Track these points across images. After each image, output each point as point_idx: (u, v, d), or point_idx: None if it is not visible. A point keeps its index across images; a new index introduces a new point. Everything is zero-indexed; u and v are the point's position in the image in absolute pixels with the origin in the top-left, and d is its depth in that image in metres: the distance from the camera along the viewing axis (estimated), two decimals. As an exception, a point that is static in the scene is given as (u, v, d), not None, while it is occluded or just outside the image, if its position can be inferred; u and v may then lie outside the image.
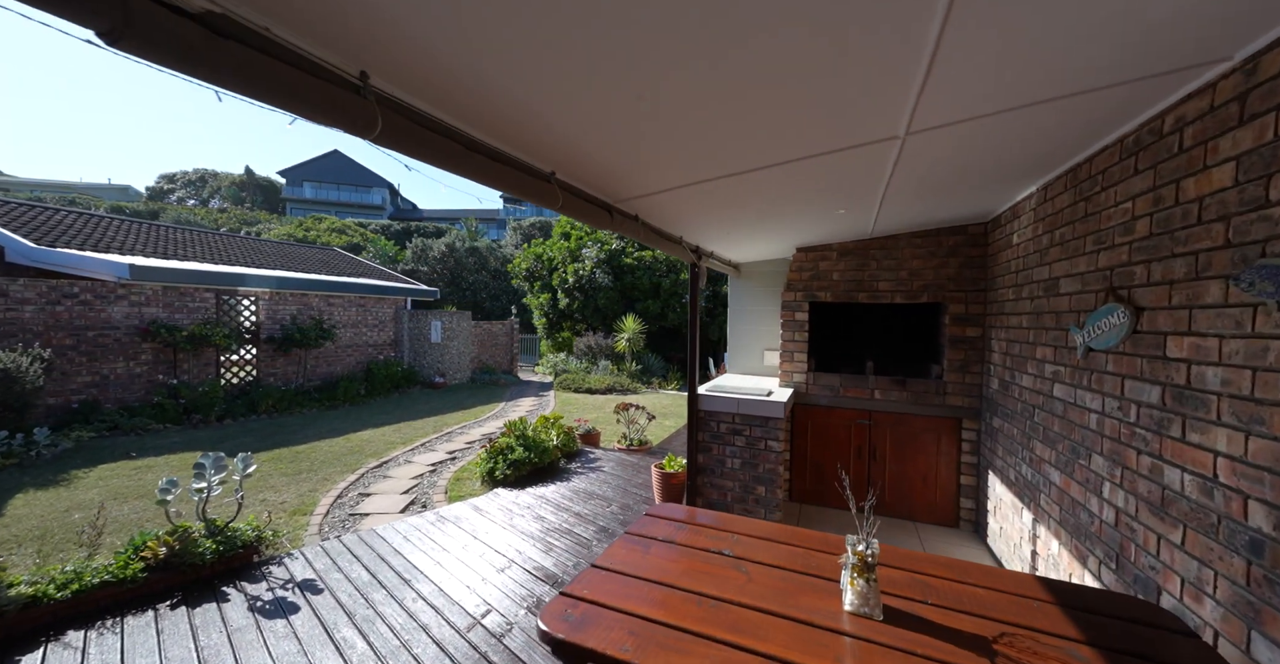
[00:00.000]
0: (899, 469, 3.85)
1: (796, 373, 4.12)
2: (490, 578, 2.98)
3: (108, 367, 6.96)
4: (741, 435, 3.65)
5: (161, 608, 2.56)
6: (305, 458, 5.69)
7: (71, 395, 6.63)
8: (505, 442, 5.09)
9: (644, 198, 2.36)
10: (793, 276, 4.15)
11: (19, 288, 6.26)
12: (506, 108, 1.34)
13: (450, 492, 4.71)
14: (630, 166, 1.94)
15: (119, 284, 7.07)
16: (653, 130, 1.61)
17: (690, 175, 2.08)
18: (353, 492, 4.67)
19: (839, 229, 3.56)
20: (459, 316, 13.10)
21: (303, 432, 6.94)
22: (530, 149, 1.66)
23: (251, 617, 2.51)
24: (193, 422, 7.08)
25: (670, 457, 4.20)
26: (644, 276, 15.18)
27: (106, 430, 6.36)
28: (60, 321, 6.57)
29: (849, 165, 2.07)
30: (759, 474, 3.60)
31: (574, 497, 4.42)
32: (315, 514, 4.07)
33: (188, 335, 7.50)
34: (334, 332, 10.07)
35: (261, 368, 8.92)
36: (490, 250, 26.95)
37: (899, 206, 2.96)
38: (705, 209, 2.72)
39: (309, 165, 48.99)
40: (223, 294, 8.37)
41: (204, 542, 2.90)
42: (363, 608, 2.62)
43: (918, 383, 3.76)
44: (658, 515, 1.90)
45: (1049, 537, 2.44)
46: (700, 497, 3.81)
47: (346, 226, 30.97)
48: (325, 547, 3.32)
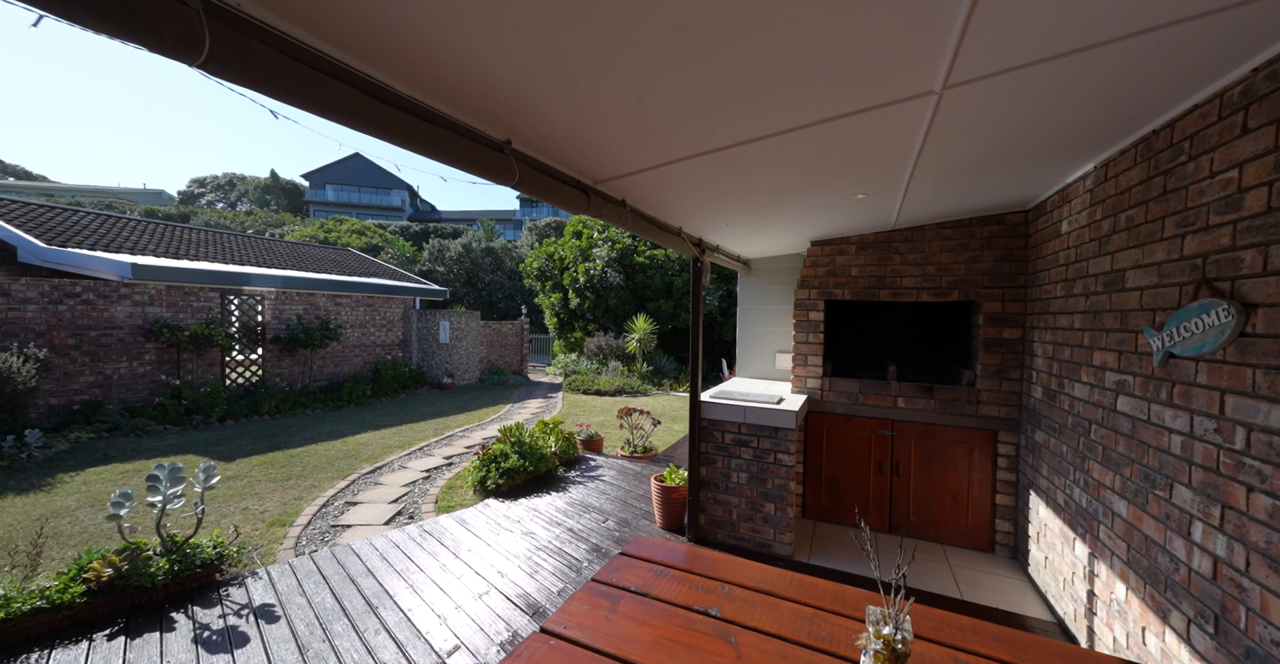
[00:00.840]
0: (925, 486, 3.45)
1: (810, 378, 3.75)
2: (466, 606, 2.69)
3: (110, 367, 6.93)
4: (749, 447, 3.30)
5: (98, 638, 2.34)
6: (299, 462, 5.52)
7: (74, 396, 6.61)
8: (500, 448, 4.82)
9: (631, 177, 2.04)
10: (806, 273, 3.78)
11: (21, 287, 6.25)
12: (430, 49, 1.04)
13: (440, 501, 4.46)
14: (609, 136, 1.62)
15: (122, 283, 7.04)
16: (634, 85, 1.29)
17: (684, 146, 1.75)
18: (339, 500, 4.46)
19: (858, 219, 3.18)
20: (468, 316, 12.97)
21: (302, 434, 6.81)
22: (473, 108, 1.35)
23: (193, 650, 2.27)
24: (193, 423, 7.01)
25: (672, 468, 3.87)
26: (656, 275, 14.85)
27: (106, 432, 6.31)
28: (63, 321, 6.55)
29: (872, 133, 1.72)
30: (768, 490, 3.24)
31: (569, 509, 4.12)
32: (295, 525, 3.86)
33: (190, 335, 7.45)
34: (340, 332, 9.99)
35: (267, 368, 8.87)
36: (505, 251, 26.96)
37: (928, 191, 2.58)
38: (706, 194, 2.39)
39: (331, 168, 49.99)
40: (227, 294, 8.32)
41: (158, 561, 2.68)
42: (319, 641, 2.36)
43: (947, 390, 3.36)
44: (635, 555, 1.58)
45: (1112, 578, 2.04)
46: (703, 513, 3.47)
47: (366, 228, 31.37)
48: (294, 565, 3.08)
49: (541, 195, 1.63)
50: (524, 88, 1.28)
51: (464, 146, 1.29)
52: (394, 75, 1.12)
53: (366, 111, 1.03)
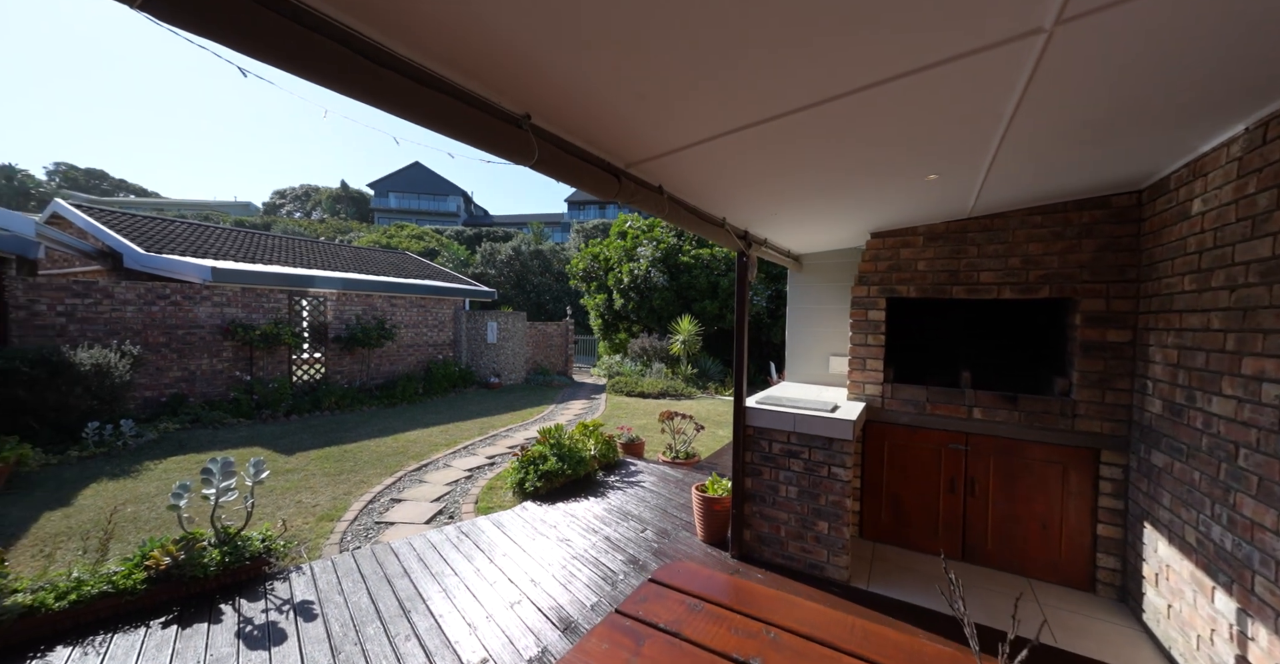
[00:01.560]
0: (1007, 509, 3.01)
1: (869, 384, 3.39)
2: (497, 615, 2.59)
3: (194, 363, 7.55)
4: (799, 459, 3.01)
5: (154, 625, 2.42)
6: (351, 457, 5.72)
7: (163, 389, 7.24)
8: (539, 450, 4.76)
9: (668, 157, 1.85)
10: (865, 268, 3.43)
11: (122, 289, 6.92)
12: (433, 4, 0.90)
13: (480, 502, 4.45)
14: (643, 106, 1.44)
15: (204, 285, 7.65)
16: (677, 38, 1.10)
17: (729, 115, 1.54)
18: (385, 496, 4.55)
19: (928, 205, 2.82)
20: (514, 317, 13.22)
21: (357, 430, 7.10)
22: (487, 76, 1.21)
23: (235, 645, 2.29)
24: (263, 417, 7.49)
25: (715, 477, 3.63)
26: (701, 275, 14.54)
27: (189, 423, 6.85)
28: (155, 320, 7.20)
29: (954, 92, 1.43)
30: (820, 507, 2.94)
31: (607, 516, 3.97)
32: (342, 520, 3.95)
33: (261, 334, 7.98)
34: (395, 331, 10.43)
35: (329, 366, 9.38)
36: (553, 253, 27.50)
37: (1016, 168, 2.21)
38: (752, 177, 2.15)
39: (393, 177, 53.26)
40: (294, 295, 8.88)
41: (211, 552, 2.76)
42: (350, 644, 2.32)
43: (1034, 401, 2.91)
44: (667, 583, 1.38)
45: (1277, 645, 1.62)
46: (748, 529, 3.20)
47: (424, 233, 33.06)
48: (335, 562, 3.12)
49: (565, 177, 1.48)
50: (545, 50, 1.12)
51: (475, 119, 1.15)
52: (389, 33, 0.99)
53: (351, 71, 0.90)
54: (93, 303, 6.66)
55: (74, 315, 6.51)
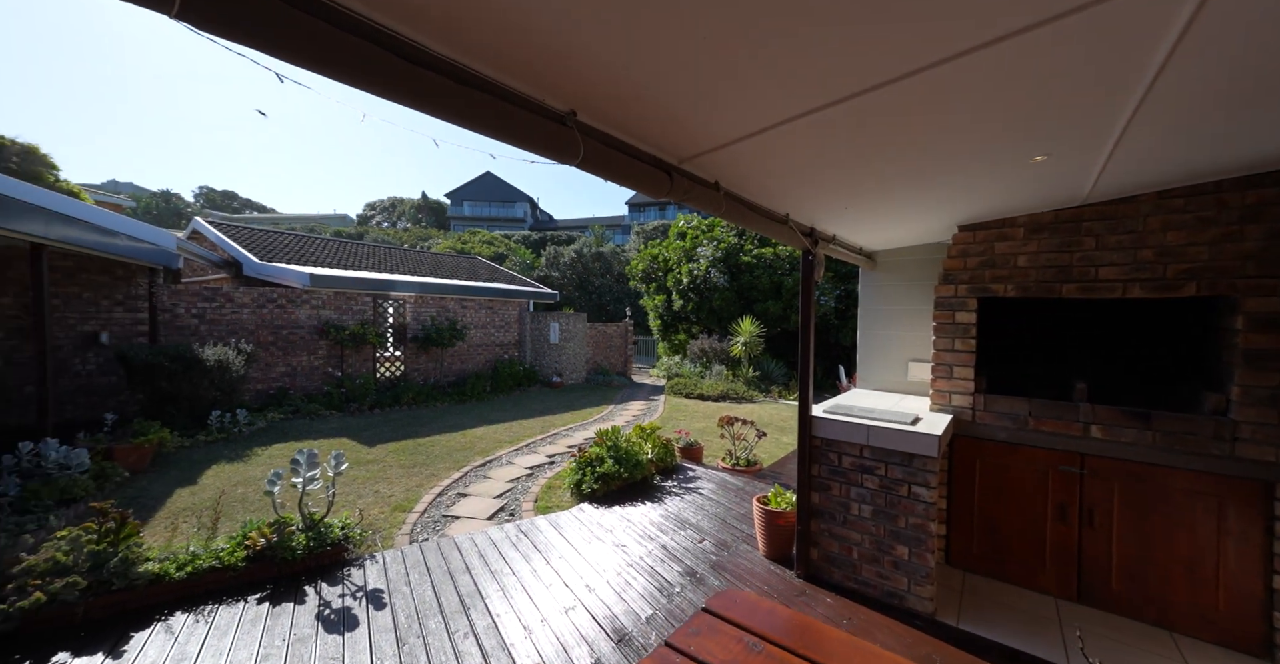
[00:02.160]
0: (1138, 546, 2.54)
1: (957, 394, 3.02)
2: (552, 619, 2.58)
3: (295, 360, 8.42)
4: (874, 475, 2.74)
5: (250, 600, 2.66)
6: (424, 451, 6.08)
7: (271, 383, 8.13)
8: (596, 452, 4.77)
9: (725, 150, 1.72)
10: (952, 265, 3.06)
11: (239, 294, 7.86)
12: (478, 3, 0.87)
13: (539, 501, 4.53)
14: (697, 94, 1.33)
15: (303, 290, 8.51)
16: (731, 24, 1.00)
17: (793, 99, 1.39)
18: (452, 491, 4.76)
19: (1031, 192, 2.45)
20: (575, 318, 13.51)
21: (430, 424, 7.56)
22: (529, 72, 1.16)
23: (315, 627, 2.46)
24: (350, 410, 8.19)
25: (778, 489, 3.42)
26: (764, 275, 14.05)
27: (291, 413, 7.64)
28: (265, 321, 8.11)
29: (1081, 54, 1.18)
30: (899, 530, 2.65)
31: (663, 523, 3.88)
32: (414, 511, 4.17)
33: (350, 334, 8.75)
34: (466, 332, 11.02)
35: (407, 364, 10.10)
36: (614, 255, 27.90)
37: (1153, 142, 1.84)
38: (820, 168, 1.97)
39: (467, 187, 56.86)
40: (378, 298, 9.64)
41: (299, 536, 3.00)
42: (414, 636, 2.41)
43: (1174, 419, 2.43)
44: (722, 615, 1.26)
45: None
46: (815, 547, 2.97)
47: (494, 239, 34.90)
48: (405, 552, 3.28)
49: (613, 176, 1.40)
50: (592, 41, 1.05)
51: (517, 118, 1.10)
52: (427, 31, 0.97)
53: (394, 74, 0.87)
54: (217, 306, 7.63)
55: (204, 317, 7.49)
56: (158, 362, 5.65)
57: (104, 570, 2.47)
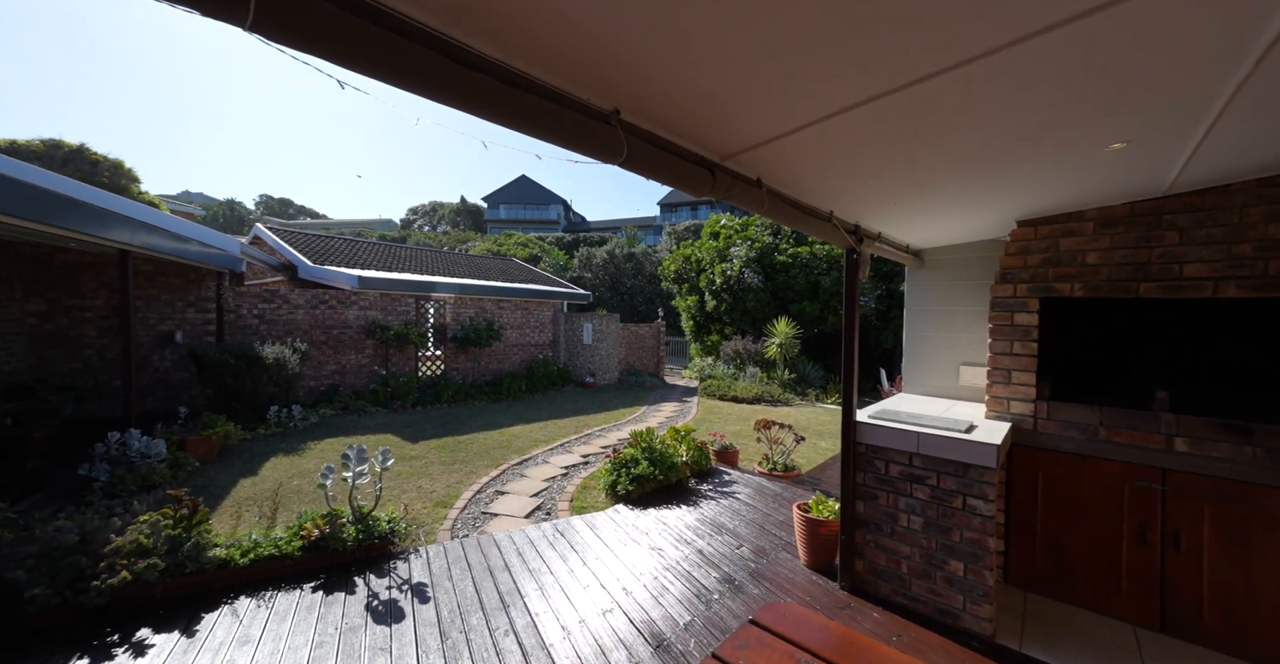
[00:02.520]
0: (1233, 574, 2.31)
1: (1016, 401, 2.84)
2: (590, 621, 2.59)
3: (345, 358, 8.84)
4: (924, 485, 2.61)
5: (305, 589, 2.80)
6: (464, 448, 6.25)
7: (323, 380, 8.57)
8: (630, 453, 4.76)
9: (769, 146, 1.67)
10: (1010, 263, 2.88)
11: (295, 296, 8.34)
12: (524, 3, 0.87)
13: (575, 500, 4.57)
14: (742, 87, 1.30)
15: (352, 292, 8.93)
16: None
17: (841, 90, 1.34)
18: (490, 488, 4.87)
19: (1102, 183, 2.27)
20: (609, 319, 13.60)
21: (469, 422, 7.77)
22: (574, 71, 1.15)
23: (365, 617, 2.56)
24: (394, 407, 8.53)
25: (820, 497, 3.31)
26: (800, 275, 13.71)
27: (340, 410, 8.03)
28: (318, 322, 8.56)
29: (1178, 28, 1.08)
30: (953, 544, 2.51)
31: (699, 527, 3.83)
32: (454, 507, 4.29)
33: (395, 334, 9.11)
34: (502, 332, 11.28)
35: (447, 363, 10.43)
36: (645, 256, 27.95)
37: (1257, 123, 1.66)
38: (870, 162, 1.89)
39: (503, 190, 58.32)
40: (420, 299, 10.00)
41: (349, 528, 3.14)
42: (456, 631, 2.47)
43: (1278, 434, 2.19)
44: (770, 628, 1.21)
45: None
46: (860, 558, 2.85)
47: (529, 241, 35.64)
48: (446, 548, 3.37)
49: (656, 174, 1.39)
50: (637, 37, 1.04)
51: (562, 118, 1.10)
52: (478, 34, 0.98)
53: (441, 75, 0.88)
54: (275, 307, 8.11)
55: (264, 317, 7.98)
56: (225, 359, 6.06)
57: (179, 554, 2.66)
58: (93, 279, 6.57)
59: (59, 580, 2.33)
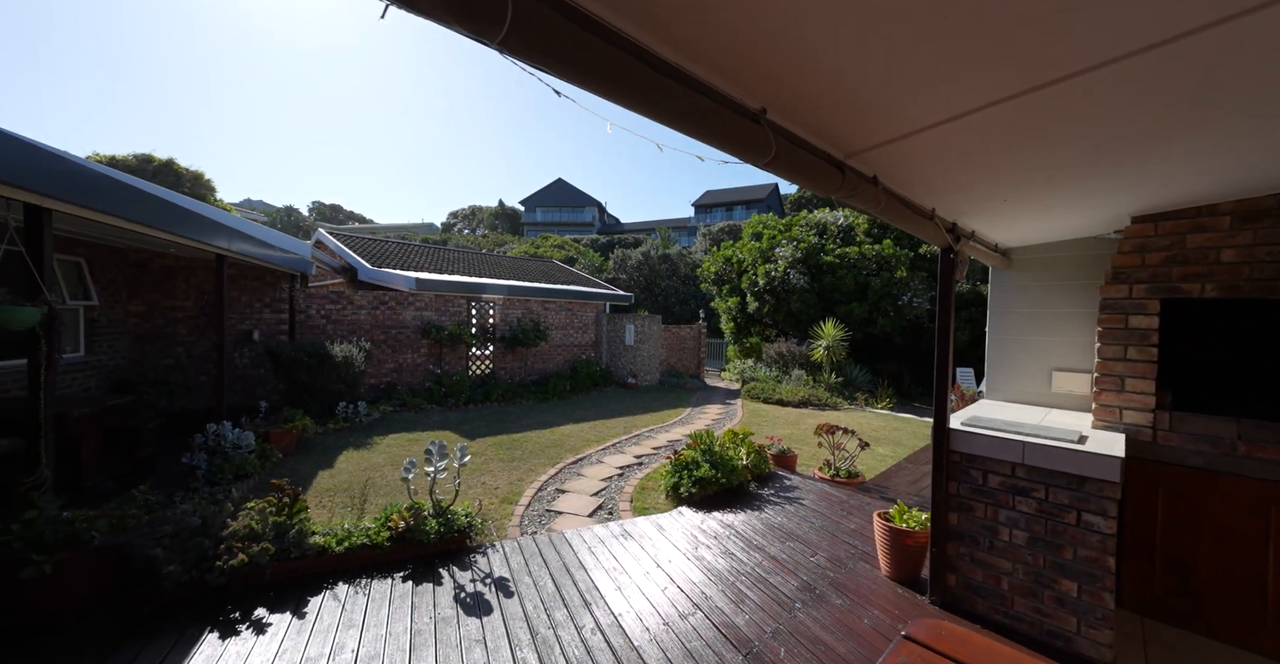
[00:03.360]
0: (1396, 607, 2.06)
1: (1131, 410, 2.63)
2: (674, 623, 2.57)
3: (402, 357, 9.21)
4: (1030, 497, 2.45)
5: (396, 578, 2.91)
6: (519, 446, 6.38)
7: (382, 378, 8.95)
8: (690, 455, 4.73)
9: (892, 144, 1.61)
10: (1125, 262, 2.68)
11: (358, 297, 8.75)
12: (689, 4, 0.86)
13: (635, 501, 4.57)
14: (892, 83, 1.25)
15: (409, 293, 9.29)
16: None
17: (996, 84, 1.27)
18: (551, 486, 4.94)
19: (1243, 173, 2.07)
20: (650, 320, 13.61)
21: (520, 421, 7.93)
22: (728, 68, 1.14)
23: (455, 608, 2.64)
24: (448, 405, 8.81)
25: (901, 506, 3.18)
26: (847, 276, 13.31)
27: (399, 406, 8.36)
28: (378, 322, 8.95)
29: None
30: (1064, 562, 2.35)
31: (767, 533, 3.75)
32: (519, 504, 4.38)
33: (448, 334, 9.42)
34: (548, 333, 11.46)
35: (495, 363, 10.69)
36: (680, 257, 27.88)
37: None
38: (993, 158, 1.79)
39: (540, 194, 59.43)
40: (471, 300, 10.30)
41: (430, 521, 3.25)
42: (544, 627, 2.51)
43: None
44: (933, 646, 1.15)
45: None
46: (953, 572, 2.72)
47: (565, 243, 36.20)
48: (521, 544, 3.44)
49: (794, 174, 1.36)
50: (790, 30, 1.01)
51: (723, 118, 1.09)
52: (671, 43, 0.98)
53: (638, 79, 0.89)
54: (341, 308, 8.54)
55: (330, 317, 8.42)
56: (299, 357, 6.42)
57: (285, 540, 2.82)
58: (184, 282, 7.10)
59: (187, 559, 2.52)
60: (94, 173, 2.89)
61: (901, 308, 12.78)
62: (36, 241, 2.59)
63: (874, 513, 3.26)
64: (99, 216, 2.94)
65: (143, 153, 13.53)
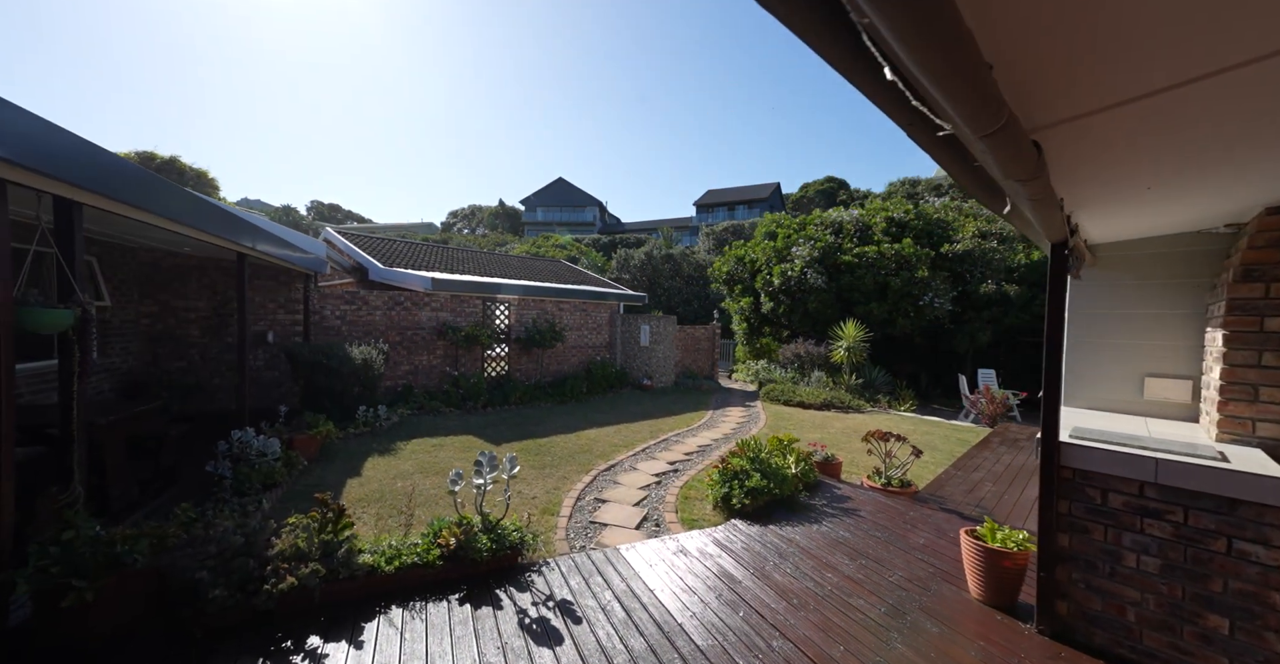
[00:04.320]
0: None
1: (1266, 422, 2.40)
2: (766, 655, 2.34)
3: (418, 359, 8.96)
4: (1164, 520, 2.22)
5: (451, 600, 2.67)
6: (547, 452, 6.14)
7: (398, 380, 8.71)
8: (738, 464, 4.49)
9: (1072, 123, 1.38)
10: (1259, 257, 2.44)
11: (373, 298, 8.50)
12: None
13: (681, 511, 4.34)
14: (1076, 62, 1.02)
15: (425, 294, 9.04)
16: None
17: (1191, 60, 1.03)
18: (589, 495, 4.70)
19: None
20: (665, 321, 13.37)
21: (542, 424, 7.69)
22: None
23: (522, 637, 2.40)
24: (466, 407, 8.56)
25: (991, 523, 2.94)
26: (866, 276, 13.07)
27: (416, 409, 8.11)
28: (394, 322, 8.70)
29: None
30: (1211, 595, 2.11)
31: (832, 548, 3.52)
32: (560, 515, 4.14)
33: (465, 335, 9.17)
34: (564, 334, 11.22)
35: (510, 364, 10.45)
36: (683, 257, 27.65)
37: None
38: (1163, 138, 1.55)
39: (540, 193, 59.08)
40: (487, 301, 10.06)
41: (480, 537, 3.01)
42: (623, 658, 2.26)
43: None
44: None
45: None
46: (1064, 599, 2.48)
47: (567, 243, 35.91)
48: (576, 561, 3.20)
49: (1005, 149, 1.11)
50: None
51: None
52: None
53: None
54: (356, 308, 8.29)
55: (345, 318, 8.17)
56: (318, 359, 6.18)
57: (333, 559, 2.58)
58: (196, 282, 6.85)
59: (232, 582, 2.28)
60: (126, 164, 2.65)
61: (922, 308, 12.54)
62: (68, 238, 2.35)
63: (961, 530, 3.03)
64: (130, 211, 2.70)
65: (144, 150, 13.28)
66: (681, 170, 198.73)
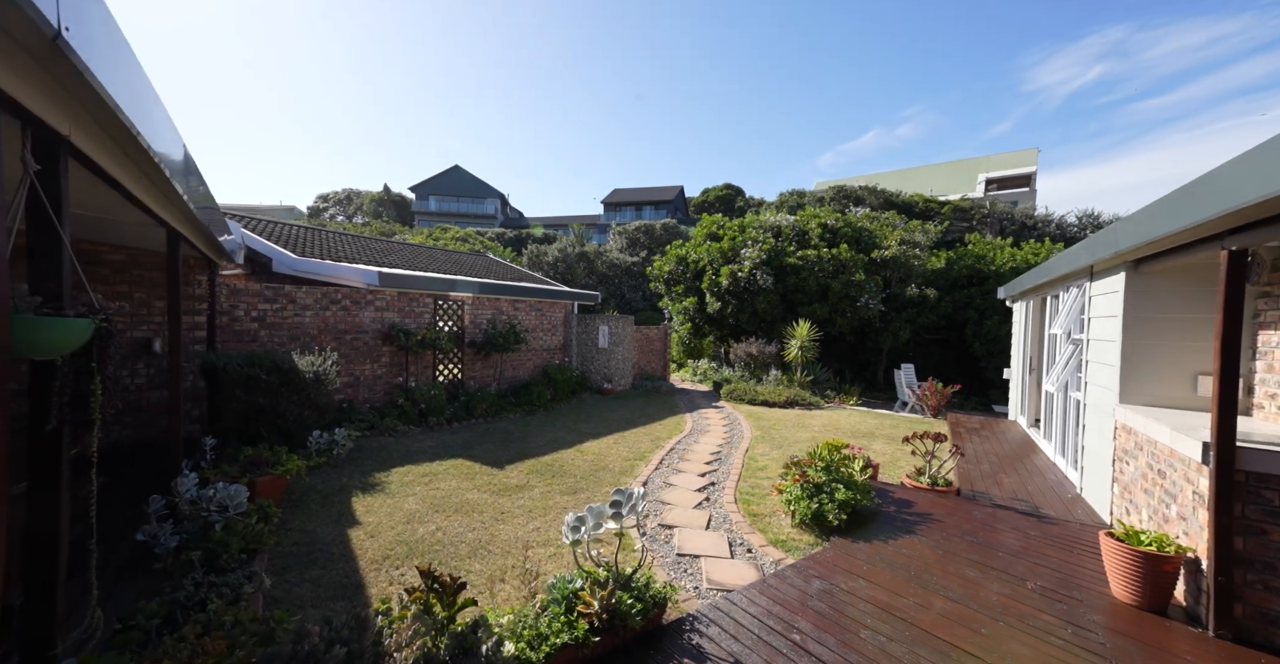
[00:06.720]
0: None
1: (1368, 417, 2.70)
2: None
3: (359, 368, 7.35)
4: (1344, 517, 2.36)
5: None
6: (561, 472, 5.32)
7: (336, 395, 7.04)
8: (817, 476, 4.22)
9: None
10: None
11: (303, 294, 6.76)
12: None
13: (763, 532, 3.95)
14: None
15: (369, 290, 7.45)
16: None
17: None
18: (649, 522, 4.06)
19: None
20: (623, 321, 12.83)
21: (529, 439, 6.74)
22: None
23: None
24: (429, 424, 7.22)
25: (1127, 526, 3.00)
26: (810, 277, 13.81)
27: (367, 430, 6.61)
28: (328, 325, 7.02)
29: None
30: (1386, 581, 2.28)
31: (951, 561, 3.39)
32: (633, 549, 3.49)
33: (420, 339, 7.75)
34: (525, 336, 10.12)
35: (465, 371, 9.13)
36: (597, 255, 27.21)
37: None
38: None
39: (433, 181, 53.87)
40: (439, 299, 8.64)
41: (621, 595, 2.32)
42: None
43: None
44: None
45: None
46: (1240, 601, 2.56)
47: (468, 236, 33.18)
48: (729, 613, 2.63)
49: None
50: None
51: None
52: None
53: None
54: (279, 308, 6.51)
55: (264, 320, 6.36)
56: (254, 374, 4.63)
57: (477, 657, 1.72)
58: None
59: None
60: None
61: (859, 309, 13.61)
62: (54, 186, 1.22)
63: (1100, 533, 3.07)
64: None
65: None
66: (578, 167, 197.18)
